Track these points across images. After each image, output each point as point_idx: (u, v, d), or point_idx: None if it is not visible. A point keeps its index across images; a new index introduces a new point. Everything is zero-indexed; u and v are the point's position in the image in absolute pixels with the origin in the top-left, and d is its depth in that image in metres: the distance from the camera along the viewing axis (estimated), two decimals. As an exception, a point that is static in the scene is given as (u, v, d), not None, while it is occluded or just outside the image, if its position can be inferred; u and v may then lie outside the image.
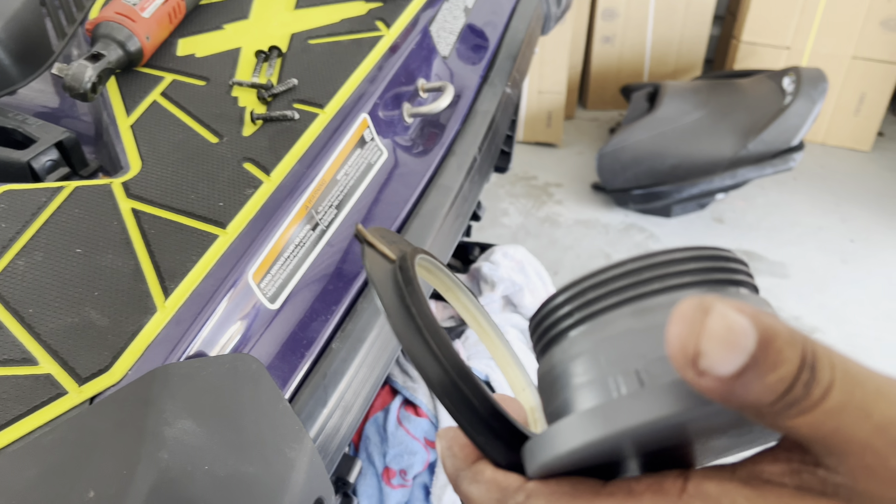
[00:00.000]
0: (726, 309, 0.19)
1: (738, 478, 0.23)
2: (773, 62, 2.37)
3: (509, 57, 0.90)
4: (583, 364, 0.24)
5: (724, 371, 0.19)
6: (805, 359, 0.20)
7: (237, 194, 0.57)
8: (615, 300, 0.24)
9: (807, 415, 0.20)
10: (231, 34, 0.73)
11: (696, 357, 0.19)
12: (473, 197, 0.79)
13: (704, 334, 0.19)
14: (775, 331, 0.19)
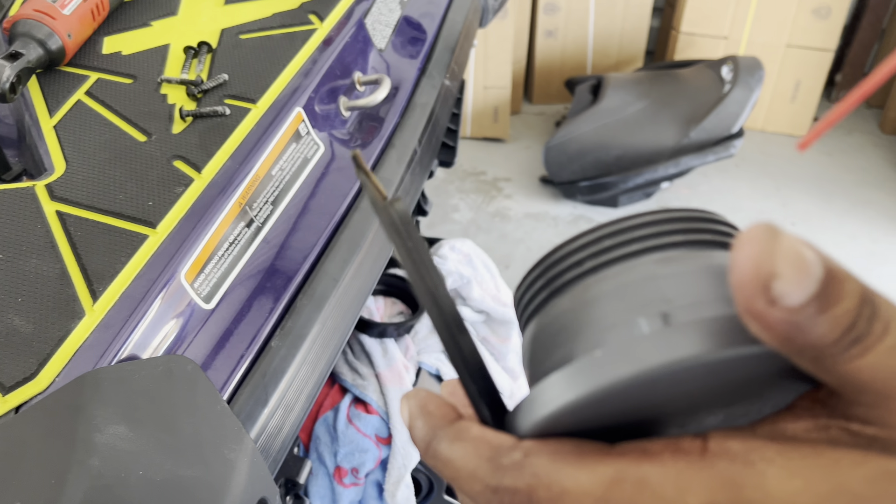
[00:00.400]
0: (794, 238, 0.18)
1: (760, 435, 0.21)
2: (711, 52, 2.41)
3: (447, 49, 0.90)
4: (599, 308, 0.22)
5: (795, 299, 0.18)
6: (865, 293, 0.19)
7: (167, 193, 0.56)
8: (636, 248, 0.23)
9: (869, 353, 0.19)
10: (159, 31, 0.71)
11: (771, 280, 0.18)
12: (416, 189, 0.79)
13: (780, 255, 0.18)
14: (836, 266, 0.18)
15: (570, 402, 0.20)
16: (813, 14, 2.29)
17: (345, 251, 0.62)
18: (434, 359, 0.96)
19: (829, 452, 0.19)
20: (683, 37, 2.43)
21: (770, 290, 0.18)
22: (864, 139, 2.50)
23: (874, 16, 2.46)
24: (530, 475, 0.21)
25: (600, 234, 0.23)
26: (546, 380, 0.21)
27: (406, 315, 1.01)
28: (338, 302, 0.60)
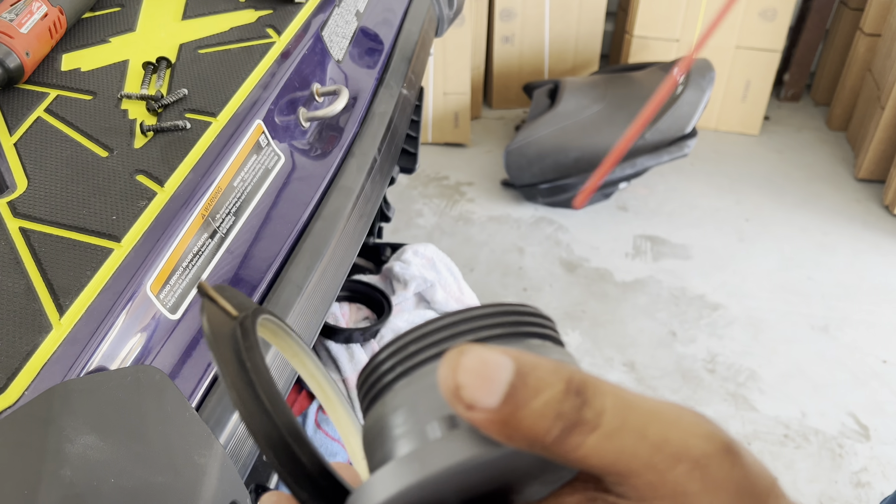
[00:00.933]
0: (481, 350, 0.21)
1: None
2: (664, 54, 2.47)
3: (404, 59, 0.92)
4: (402, 414, 0.25)
5: (487, 402, 0.21)
6: (571, 384, 0.21)
7: (131, 207, 0.57)
8: (431, 353, 0.25)
9: (586, 440, 0.21)
10: (117, 47, 0.72)
11: (458, 390, 0.21)
12: (376, 197, 0.80)
13: (460, 369, 0.21)
14: (535, 363, 0.21)
15: (380, 500, 0.23)
16: (760, 16, 2.36)
17: (308, 258, 0.64)
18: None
19: None
20: (636, 40, 2.49)
21: (462, 399, 0.21)
22: (812, 136, 2.58)
23: (818, 17, 2.55)
24: None
25: (406, 341, 0.26)
26: (363, 484, 0.24)
27: (371, 320, 1.02)
28: (302, 308, 0.62)
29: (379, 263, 1.16)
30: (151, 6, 0.78)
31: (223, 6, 0.79)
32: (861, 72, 2.45)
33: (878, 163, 2.27)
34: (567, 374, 0.21)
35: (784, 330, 1.81)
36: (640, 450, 0.21)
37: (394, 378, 0.26)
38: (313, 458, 0.25)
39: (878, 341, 1.78)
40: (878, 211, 2.21)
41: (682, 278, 1.96)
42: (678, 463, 0.21)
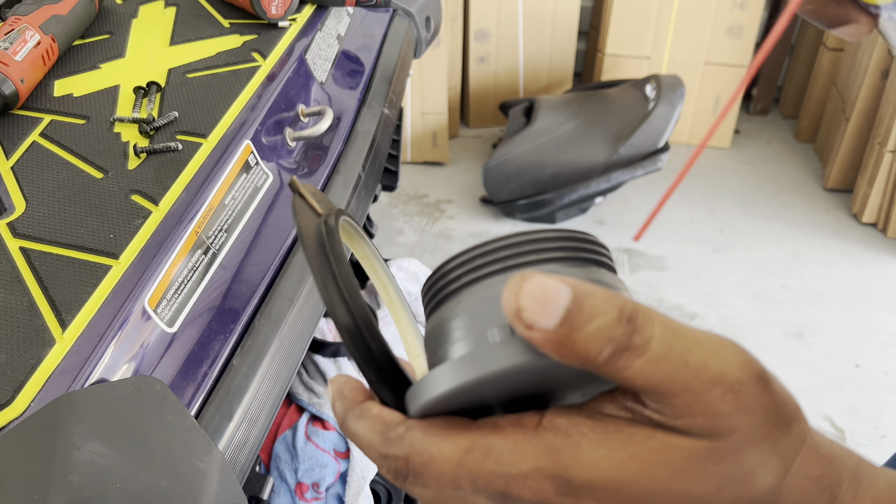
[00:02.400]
0: (542, 277, 0.23)
1: (583, 413, 0.26)
2: (635, 72, 2.53)
3: (385, 80, 0.95)
4: (463, 319, 0.27)
5: (545, 324, 0.23)
6: (623, 312, 0.23)
7: (127, 225, 0.59)
8: (496, 268, 0.28)
9: (634, 363, 0.23)
10: (108, 72, 0.75)
11: (519, 312, 0.23)
12: (361, 213, 0.83)
13: (522, 293, 0.23)
14: (591, 291, 0.23)
15: (438, 394, 0.26)
16: (727, 33, 2.43)
17: (298, 272, 0.66)
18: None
19: (627, 428, 0.25)
20: (608, 58, 2.55)
21: (523, 320, 0.23)
22: (782, 148, 2.65)
23: (783, 33, 2.62)
24: (408, 445, 0.27)
25: (473, 255, 0.28)
26: (425, 377, 0.27)
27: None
28: (294, 320, 0.64)
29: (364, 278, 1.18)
30: (140, 33, 0.81)
31: (209, 32, 0.82)
32: (826, 85, 2.52)
33: (845, 173, 2.34)
34: (620, 302, 0.23)
35: (759, 337, 1.85)
36: (681, 374, 0.23)
37: (459, 287, 0.28)
38: (381, 347, 0.28)
39: (851, 346, 1.82)
40: (846, 220, 2.27)
41: (659, 289, 2.01)
42: (714, 387, 0.24)
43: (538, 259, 0.27)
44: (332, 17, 0.92)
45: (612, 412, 0.26)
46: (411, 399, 0.28)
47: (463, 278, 0.28)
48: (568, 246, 0.28)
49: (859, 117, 2.24)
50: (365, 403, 0.29)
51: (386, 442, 0.27)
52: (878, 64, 2.18)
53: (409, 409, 0.28)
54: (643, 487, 0.25)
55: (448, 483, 0.26)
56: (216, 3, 0.87)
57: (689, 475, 0.25)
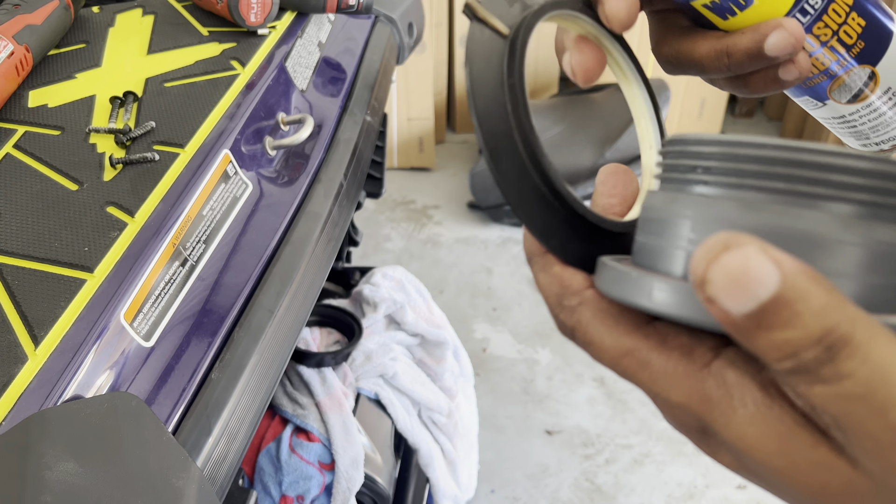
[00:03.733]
0: (756, 252, 0.19)
1: (759, 378, 0.23)
2: (621, 75, 2.54)
3: (366, 87, 0.94)
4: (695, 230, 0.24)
5: (730, 307, 0.19)
6: (826, 336, 0.19)
7: (102, 238, 0.58)
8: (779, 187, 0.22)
9: (813, 388, 0.20)
10: (84, 82, 0.74)
11: (704, 283, 0.19)
12: (344, 221, 0.82)
13: (716, 265, 0.19)
14: (805, 294, 0.19)
15: (632, 303, 0.24)
16: (711, 36, 2.44)
17: (278, 283, 0.65)
18: (372, 384, 0.99)
19: (794, 425, 0.22)
20: (594, 62, 2.55)
21: (704, 291, 0.20)
22: (768, 150, 2.66)
23: (767, 35, 2.64)
24: (576, 321, 0.27)
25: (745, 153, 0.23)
26: (627, 271, 0.25)
27: (342, 343, 1.04)
28: (274, 332, 0.63)
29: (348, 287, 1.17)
30: (116, 42, 0.80)
31: (187, 40, 0.81)
32: (810, 87, 2.54)
33: (830, 174, 2.35)
34: (831, 323, 0.19)
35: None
36: (869, 422, 0.20)
37: (708, 182, 0.24)
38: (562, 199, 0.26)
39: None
40: (832, 221, 2.28)
41: (648, 293, 2.00)
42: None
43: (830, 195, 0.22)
44: (312, 23, 0.91)
45: (790, 397, 0.22)
46: (603, 272, 0.26)
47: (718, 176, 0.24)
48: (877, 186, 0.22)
49: (843, 119, 2.25)
50: (547, 256, 0.29)
51: (559, 306, 0.28)
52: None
53: (597, 276, 0.26)
54: (781, 480, 0.23)
55: (605, 364, 0.26)
56: (195, 12, 0.86)
57: (836, 499, 0.22)
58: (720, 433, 0.23)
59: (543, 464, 1.57)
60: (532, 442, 1.62)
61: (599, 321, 0.26)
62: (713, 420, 0.23)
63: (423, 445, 1.01)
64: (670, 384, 0.24)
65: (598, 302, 0.27)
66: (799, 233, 0.22)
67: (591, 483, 1.54)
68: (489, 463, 1.55)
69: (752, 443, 0.22)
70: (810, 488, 0.22)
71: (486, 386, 1.74)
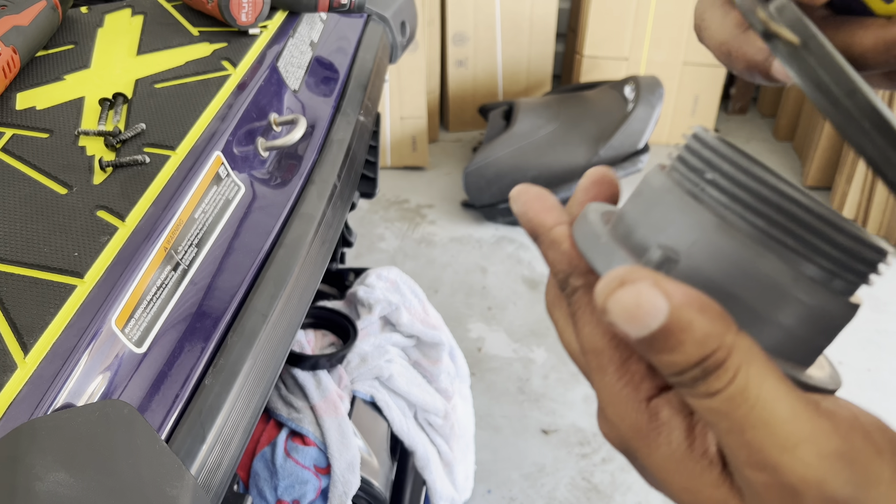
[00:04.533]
0: (648, 287, 0.21)
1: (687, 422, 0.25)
2: (614, 73, 2.53)
3: (359, 87, 0.93)
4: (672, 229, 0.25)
5: (628, 332, 0.22)
6: (703, 361, 0.22)
7: (92, 243, 0.57)
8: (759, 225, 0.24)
9: (693, 399, 0.23)
10: (73, 84, 0.73)
11: (603, 312, 0.22)
12: (338, 223, 0.81)
13: (612, 298, 0.22)
14: (687, 324, 0.22)
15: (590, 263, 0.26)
16: (704, 33, 2.44)
17: (272, 287, 0.64)
18: (367, 386, 0.98)
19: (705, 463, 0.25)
20: (587, 60, 2.55)
21: (606, 317, 0.22)
22: (761, 146, 2.66)
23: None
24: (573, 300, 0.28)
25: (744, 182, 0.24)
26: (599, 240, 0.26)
27: (337, 346, 1.03)
28: (268, 337, 0.62)
29: (343, 289, 1.17)
30: (105, 42, 0.79)
31: (178, 40, 0.80)
32: (803, 84, 2.54)
33: (824, 170, 2.35)
34: (709, 350, 0.22)
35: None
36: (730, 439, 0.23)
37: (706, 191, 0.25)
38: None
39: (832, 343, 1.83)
40: (826, 217, 2.28)
41: (643, 290, 2.00)
42: (758, 472, 0.23)
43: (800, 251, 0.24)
44: (304, 23, 0.90)
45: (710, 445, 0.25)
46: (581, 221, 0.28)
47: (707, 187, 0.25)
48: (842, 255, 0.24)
49: (836, 115, 2.25)
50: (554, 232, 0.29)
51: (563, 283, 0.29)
52: (854, 62, 2.19)
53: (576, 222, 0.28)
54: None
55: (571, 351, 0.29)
56: (185, 11, 0.85)
57: None
58: (641, 460, 0.26)
59: (540, 463, 1.57)
60: (528, 441, 1.61)
61: (590, 311, 0.27)
62: (638, 448, 0.26)
63: (420, 447, 1.00)
64: (612, 401, 0.26)
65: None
66: (757, 271, 0.24)
67: (587, 482, 1.53)
68: (485, 463, 1.55)
69: (666, 476, 0.25)
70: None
71: (481, 385, 1.74)
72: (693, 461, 0.25)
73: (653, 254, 0.25)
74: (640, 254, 0.26)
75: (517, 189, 0.31)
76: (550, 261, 0.29)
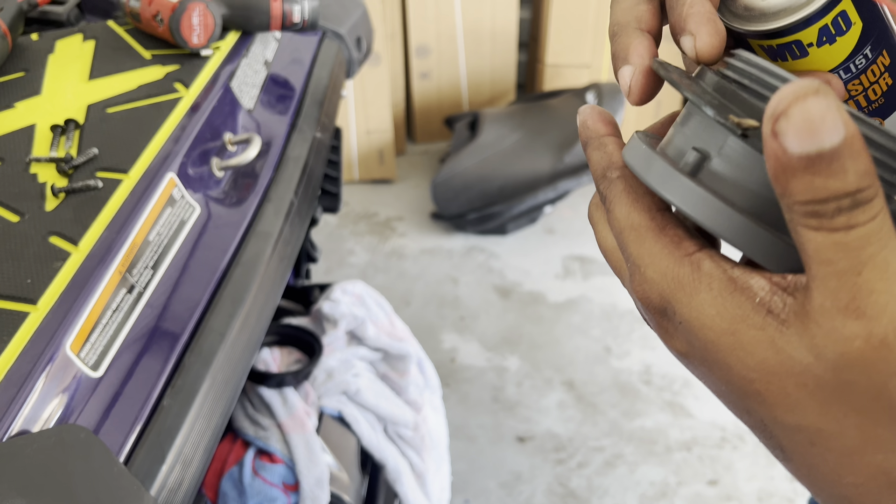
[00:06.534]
0: (836, 106, 0.21)
1: (730, 273, 0.26)
2: (576, 80, 2.57)
3: (315, 103, 0.94)
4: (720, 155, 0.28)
5: (790, 145, 0.21)
6: (861, 194, 0.21)
7: (45, 269, 0.57)
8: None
9: (819, 233, 0.22)
10: (23, 112, 0.73)
11: (780, 116, 0.21)
12: (297, 239, 0.82)
13: (800, 103, 0.21)
14: (859, 154, 0.21)
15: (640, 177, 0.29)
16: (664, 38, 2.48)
17: (229, 306, 0.65)
18: (335, 401, 0.98)
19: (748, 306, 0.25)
20: (549, 69, 2.58)
21: (777, 123, 0.21)
22: (723, 148, 2.71)
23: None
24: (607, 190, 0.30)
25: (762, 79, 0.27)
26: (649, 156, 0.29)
27: (303, 362, 1.03)
28: (227, 355, 0.63)
29: (308, 305, 1.17)
30: (56, 68, 0.79)
31: (130, 64, 0.80)
32: (760, 85, 2.59)
33: (784, 169, 2.40)
34: (866, 184, 0.21)
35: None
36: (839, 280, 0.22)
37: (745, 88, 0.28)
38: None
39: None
40: (788, 214, 2.33)
41: (613, 294, 2.02)
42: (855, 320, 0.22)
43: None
44: (258, 42, 0.91)
45: (753, 287, 0.25)
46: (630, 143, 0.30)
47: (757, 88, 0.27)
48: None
49: (794, 114, 2.30)
50: (605, 138, 0.32)
51: (602, 178, 0.31)
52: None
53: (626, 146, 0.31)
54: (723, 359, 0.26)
55: (613, 232, 0.30)
56: (137, 35, 0.85)
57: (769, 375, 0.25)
58: (680, 312, 0.26)
59: (516, 471, 1.57)
60: (504, 450, 1.62)
61: (626, 194, 0.29)
62: (677, 300, 0.26)
63: (391, 460, 1.00)
64: (652, 261, 0.27)
65: (633, 179, 0.30)
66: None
67: (564, 488, 1.54)
68: (462, 474, 1.55)
69: (706, 321, 0.26)
70: (747, 364, 0.25)
71: (456, 396, 1.74)
72: (736, 304, 0.25)
73: (689, 156, 0.28)
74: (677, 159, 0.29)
75: (584, 107, 0.34)
76: (593, 160, 0.32)
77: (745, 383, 0.25)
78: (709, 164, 0.28)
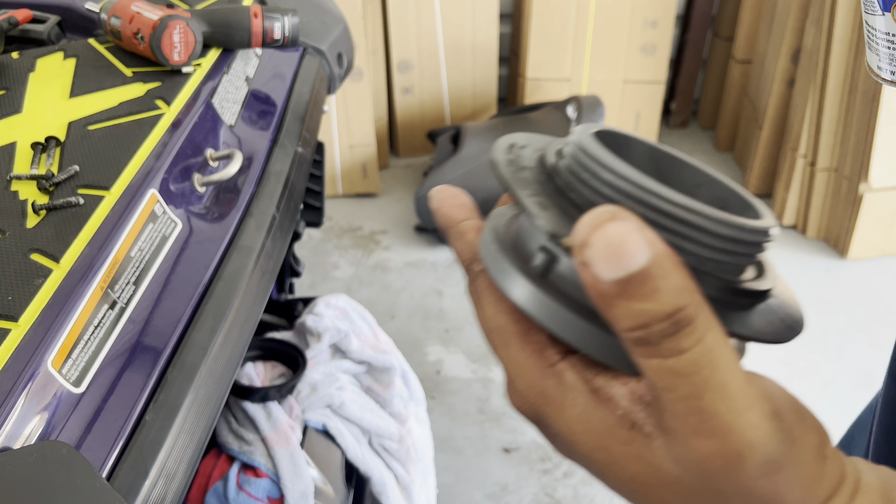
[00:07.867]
0: (636, 228, 0.21)
1: (592, 383, 0.26)
2: (556, 94, 2.59)
3: (297, 119, 0.95)
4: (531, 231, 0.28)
5: (602, 272, 0.21)
6: (676, 314, 0.21)
7: (26, 286, 0.57)
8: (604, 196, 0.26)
9: (652, 360, 0.22)
10: (4, 130, 0.73)
11: (583, 246, 0.21)
12: (279, 254, 0.82)
13: (600, 231, 0.21)
14: (667, 273, 0.21)
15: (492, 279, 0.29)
16: (641, 51, 2.51)
17: (211, 320, 0.65)
18: (319, 415, 0.99)
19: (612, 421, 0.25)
20: (530, 82, 2.60)
21: (583, 254, 0.21)
22: (703, 158, 2.74)
23: (695, 48, 2.73)
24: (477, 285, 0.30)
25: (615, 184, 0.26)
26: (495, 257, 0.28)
27: (287, 376, 1.03)
28: (209, 370, 0.63)
29: (292, 319, 1.17)
30: (37, 87, 0.79)
31: (111, 81, 0.81)
32: (739, 96, 2.62)
33: (763, 178, 2.43)
34: (683, 303, 0.21)
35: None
36: (683, 404, 0.22)
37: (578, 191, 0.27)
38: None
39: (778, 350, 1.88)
40: (768, 223, 2.35)
41: (595, 304, 2.03)
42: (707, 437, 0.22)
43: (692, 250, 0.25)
44: (239, 59, 0.92)
45: (616, 398, 0.25)
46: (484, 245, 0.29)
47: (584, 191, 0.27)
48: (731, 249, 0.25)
49: (771, 125, 2.33)
50: (462, 225, 0.31)
51: (468, 270, 0.30)
52: (784, 73, 2.28)
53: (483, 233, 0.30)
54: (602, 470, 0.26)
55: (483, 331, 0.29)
56: (118, 53, 0.86)
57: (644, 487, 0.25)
58: (552, 426, 0.27)
59: (503, 482, 1.58)
60: (490, 461, 1.62)
61: (490, 292, 0.29)
62: (547, 414, 0.27)
63: (376, 473, 1.01)
64: (519, 372, 0.27)
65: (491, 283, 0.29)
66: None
67: (550, 498, 1.55)
68: (448, 486, 1.55)
69: (576, 438, 0.26)
70: (623, 478, 0.26)
71: (441, 408, 1.74)
72: (601, 420, 0.25)
73: (538, 258, 0.28)
74: (525, 259, 0.28)
75: (434, 189, 0.33)
76: (457, 251, 0.31)
77: (627, 492, 0.26)
78: (557, 266, 0.27)
